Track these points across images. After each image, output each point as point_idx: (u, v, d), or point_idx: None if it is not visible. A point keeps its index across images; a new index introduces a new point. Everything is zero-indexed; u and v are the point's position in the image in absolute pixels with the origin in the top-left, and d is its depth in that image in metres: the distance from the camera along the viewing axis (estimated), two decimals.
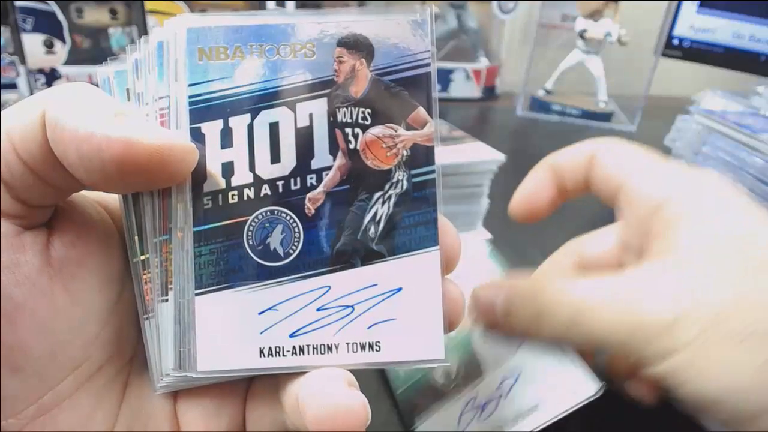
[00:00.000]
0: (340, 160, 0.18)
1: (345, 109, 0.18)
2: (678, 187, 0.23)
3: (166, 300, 0.17)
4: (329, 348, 0.17)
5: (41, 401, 0.16)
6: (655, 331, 0.20)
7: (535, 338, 0.24)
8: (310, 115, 0.18)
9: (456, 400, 0.26)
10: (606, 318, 0.21)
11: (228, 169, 0.17)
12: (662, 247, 0.22)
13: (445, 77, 0.92)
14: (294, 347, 0.17)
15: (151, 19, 0.77)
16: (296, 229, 0.18)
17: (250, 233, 0.18)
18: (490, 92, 0.95)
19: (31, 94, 0.63)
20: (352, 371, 0.17)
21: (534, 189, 0.28)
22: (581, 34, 0.86)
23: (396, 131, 0.18)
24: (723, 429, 0.20)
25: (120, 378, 0.19)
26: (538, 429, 0.23)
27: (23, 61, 0.73)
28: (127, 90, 0.18)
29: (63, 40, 0.74)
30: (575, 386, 0.23)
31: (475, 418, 0.25)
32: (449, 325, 0.18)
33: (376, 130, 0.18)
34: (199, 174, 0.17)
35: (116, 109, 0.16)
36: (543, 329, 0.23)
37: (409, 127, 0.18)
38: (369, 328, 0.18)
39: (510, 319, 0.23)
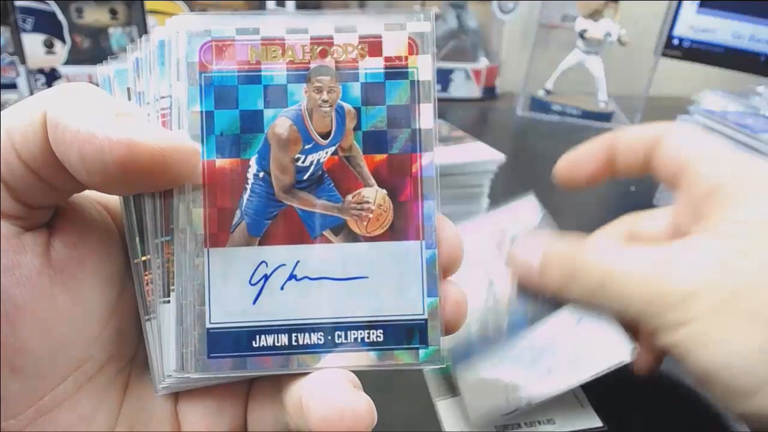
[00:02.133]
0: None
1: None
2: (735, 172, 0.24)
3: (168, 301, 0.17)
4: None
5: (41, 402, 0.16)
6: (672, 301, 0.21)
7: (564, 298, 0.26)
8: None
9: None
10: (629, 284, 0.23)
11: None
12: (706, 225, 0.23)
13: (445, 77, 0.92)
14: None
15: (151, 19, 0.77)
16: None
17: None
18: (490, 92, 0.95)
19: (31, 94, 0.63)
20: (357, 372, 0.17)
21: (583, 157, 0.29)
22: (581, 34, 0.86)
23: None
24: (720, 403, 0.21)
25: (121, 378, 0.19)
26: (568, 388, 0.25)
27: (23, 61, 0.73)
28: (128, 89, 0.18)
29: (63, 40, 0.74)
30: (610, 348, 0.25)
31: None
32: (452, 326, 0.18)
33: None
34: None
35: (118, 110, 0.15)
36: (573, 290, 0.25)
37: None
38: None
39: (544, 279, 0.26)
